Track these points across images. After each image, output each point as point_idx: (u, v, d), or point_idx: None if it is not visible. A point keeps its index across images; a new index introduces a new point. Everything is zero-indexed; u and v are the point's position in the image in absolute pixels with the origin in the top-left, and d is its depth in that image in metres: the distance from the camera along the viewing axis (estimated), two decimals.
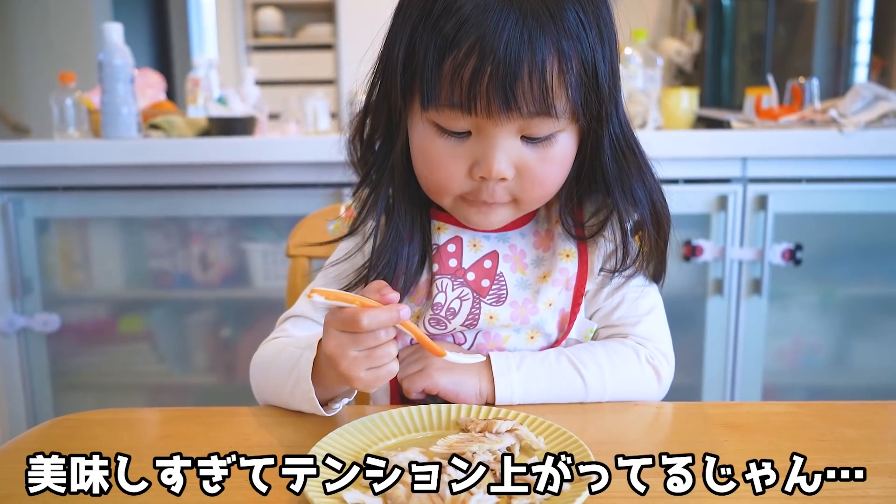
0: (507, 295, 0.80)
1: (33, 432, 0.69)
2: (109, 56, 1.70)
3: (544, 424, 0.66)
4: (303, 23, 4.97)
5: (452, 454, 0.58)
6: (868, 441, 0.66)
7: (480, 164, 0.70)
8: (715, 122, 2.02)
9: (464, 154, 0.71)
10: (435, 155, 0.72)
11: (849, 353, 1.82)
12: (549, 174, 0.73)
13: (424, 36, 0.67)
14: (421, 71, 0.68)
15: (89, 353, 1.88)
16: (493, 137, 0.69)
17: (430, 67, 0.67)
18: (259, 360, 0.81)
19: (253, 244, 1.83)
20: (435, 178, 0.73)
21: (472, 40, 0.65)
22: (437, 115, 0.69)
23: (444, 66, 0.66)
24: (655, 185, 0.78)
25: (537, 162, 0.71)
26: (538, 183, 0.73)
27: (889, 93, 1.69)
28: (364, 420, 0.67)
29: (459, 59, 0.65)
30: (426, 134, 0.72)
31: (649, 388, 0.79)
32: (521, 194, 0.73)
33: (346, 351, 0.64)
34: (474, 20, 0.65)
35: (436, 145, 0.71)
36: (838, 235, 1.77)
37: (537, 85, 0.66)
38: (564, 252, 0.81)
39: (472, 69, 0.65)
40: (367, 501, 0.54)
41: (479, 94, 0.66)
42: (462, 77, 0.66)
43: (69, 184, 1.74)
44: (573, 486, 0.55)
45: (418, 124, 0.72)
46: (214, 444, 0.65)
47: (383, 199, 0.78)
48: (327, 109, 2.15)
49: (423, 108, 0.70)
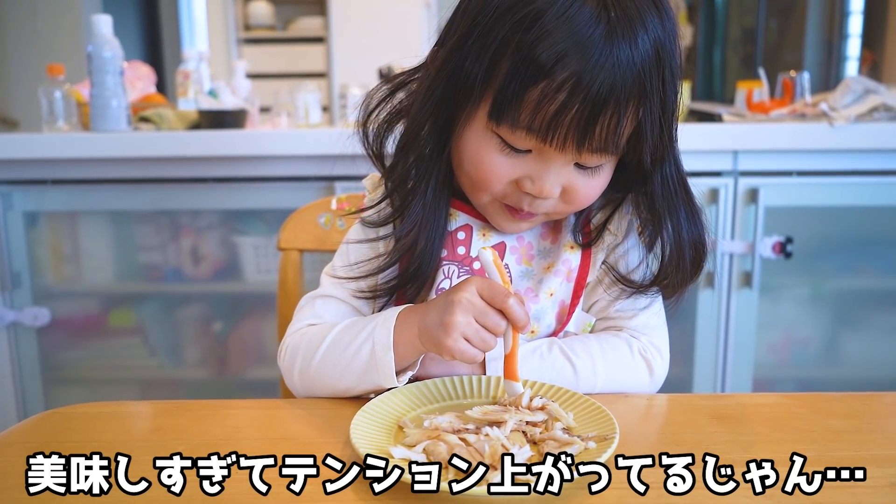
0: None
1: (23, 426, 0.69)
2: (99, 48, 1.69)
3: (575, 396, 0.69)
4: (294, 15, 4.95)
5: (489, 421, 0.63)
6: (856, 431, 0.66)
7: (533, 181, 0.71)
8: (706, 115, 2.02)
9: (519, 165, 0.71)
10: (489, 162, 0.72)
11: (838, 345, 1.83)
12: (590, 195, 0.75)
13: (515, 58, 0.66)
14: (503, 90, 0.67)
15: (80, 347, 1.87)
16: (552, 162, 0.70)
17: (515, 90, 0.66)
18: (299, 344, 0.78)
19: (244, 237, 1.83)
20: (482, 179, 0.73)
21: (568, 75, 0.64)
22: (507, 132, 0.69)
23: (531, 91, 0.65)
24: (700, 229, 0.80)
25: (583, 185, 0.73)
26: (578, 203, 0.75)
27: (879, 86, 1.70)
28: (402, 389, 0.71)
29: (551, 90, 0.65)
30: (486, 142, 0.71)
31: (641, 381, 0.80)
32: (558, 210, 0.75)
33: (469, 316, 0.66)
34: (574, 56, 0.64)
35: (492, 154, 0.71)
36: (829, 228, 1.78)
37: (613, 126, 0.67)
38: (569, 243, 0.81)
39: (561, 103, 0.65)
40: (412, 456, 0.57)
41: (559, 129, 0.66)
42: (548, 108, 0.65)
43: (58, 177, 1.73)
44: (599, 445, 0.59)
45: (479, 130, 0.72)
46: (205, 436, 0.65)
47: (426, 191, 0.78)
48: (318, 102, 2.15)
49: (495, 123, 0.69)
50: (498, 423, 0.63)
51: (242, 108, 1.94)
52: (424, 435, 0.61)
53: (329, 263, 0.87)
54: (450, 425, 0.62)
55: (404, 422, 0.65)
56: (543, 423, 0.64)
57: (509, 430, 0.61)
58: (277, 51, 4.83)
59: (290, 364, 0.78)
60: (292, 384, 0.79)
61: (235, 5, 4.83)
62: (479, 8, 0.69)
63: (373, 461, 0.55)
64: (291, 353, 0.79)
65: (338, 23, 4.52)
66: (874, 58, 2.42)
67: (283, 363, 0.80)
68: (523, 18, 0.65)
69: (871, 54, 2.43)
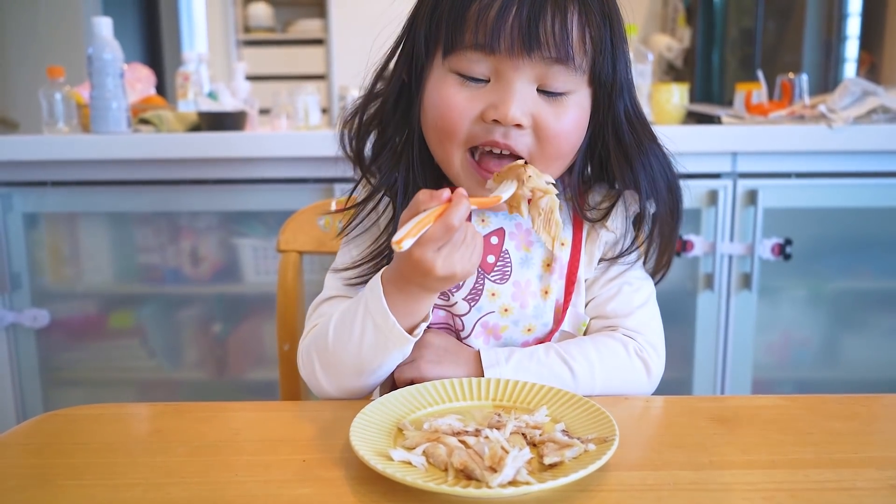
0: (511, 272, 0.81)
1: (22, 427, 0.69)
2: (99, 50, 1.69)
3: (574, 398, 0.68)
4: (293, 17, 4.95)
5: (495, 414, 0.66)
6: (855, 433, 0.66)
7: (497, 106, 0.72)
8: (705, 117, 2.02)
9: (480, 98, 0.73)
10: (449, 98, 0.74)
11: (837, 347, 1.83)
12: (563, 131, 0.74)
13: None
14: (448, 15, 0.72)
15: (79, 349, 1.87)
16: (511, 82, 0.71)
17: (458, 10, 0.71)
18: (311, 344, 0.77)
19: (243, 239, 1.83)
20: (446, 122, 0.74)
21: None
22: (459, 59, 0.72)
23: (471, 8, 0.70)
24: (667, 161, 0.81)
25: (552, 116, 0.73)
26: (552, 138, 0.74)
27: (878, 88, 1.70)
28: (402, 391, 0.70)
29: (485, 1, 0.69)
30: (445, 82, 0.74)
31: (639, 382, 0.80)
32: (537, 150, 0.74)
33: (453, 258, 0.66)
34: None
35: (452, 91, 0.73)
36: (828, 230, 1.78)
37: (559, 28, 0.70)
38: (559, 241, 0.81)
39: (498, 8, 0.69)
40: (412, 459, 0.57)
41: (502, 33, 0.69)
42: (487, 16, 0.69)
43: (58, 179, 1.73)
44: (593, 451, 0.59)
45: (437, 76, 0.75)
46: (205, 438, 0.65)
47: (402, 170, 0.80)
48: (318, 104, 2.14)
49: (445, 56, 0.73)
50: (497, 425, 0.63)
51: (242, 109, 1.94)
52: (424, 437, 0.61)
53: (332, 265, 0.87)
54: (449, 428, 0.62)
55: (404, 424, 0.65)
56: (543, 425, 0.65)
57: (509, 433, 0.61)
58: (277, 53, 4.83)
59: (310, 369, 0.77)
60: (320, 388, 0.77)
61: (235, 7, 4.83)
62: None
63: (373, 463, 0.55)
64: (306, 357, 0.77)
65: (337, 25, 4.51)
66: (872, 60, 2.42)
67: (304, 370, 0.78)
68: None
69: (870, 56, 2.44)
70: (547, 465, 0.58)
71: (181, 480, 0.58)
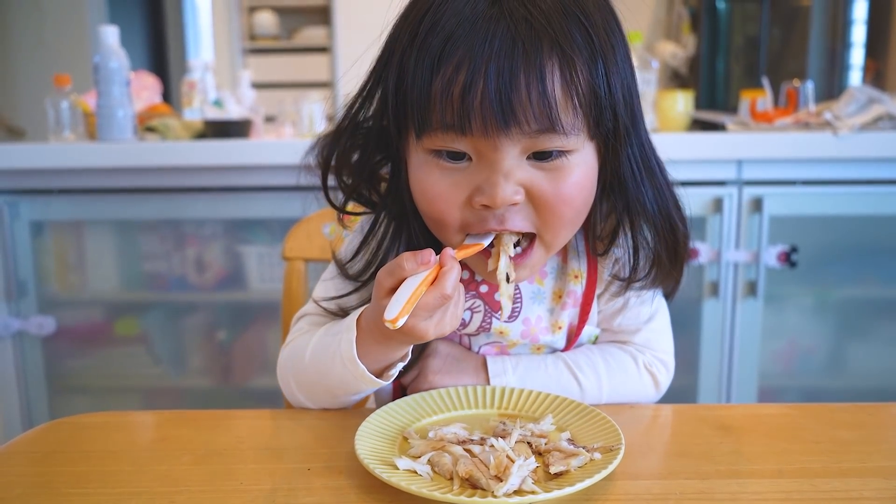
0: (521, 309, 0.78)
1: (28, 435, 0.69)
2: (105, 59, 1.70)
3: (580, 407, 0.68)
4: (298, 25, 4.97)
5: (500, 423, 0.66)
6: (863, 443, 0.66)
7: (483, 190, 0.63)
8: (710, 124, 2.02)
9: (464, 181, 0.64)
10: (431, 185, 0.66)
11: (844, 355, 1.82)
12: (565, 198, 0.65)
13: (412, 57, 0.62)
14: (411, 94, 0.63)
15: (84, 356, 1.87)
16: (493, 161, 0.63)
17: (420, 89, 0.62)
18: (287, 361, 0.77)
19: (248, 247, 1.83)
20: (434, 210, 0.67)
21: (461, 53, 0.60)
22: (432, 140, 0.64)
23: (434, 85, 0.61)
24: (673, 201, 0.74)
25: (549, 184, 0.64)
26: (553, 208, 0.65)
27: (883, 95, 1.70)
28: (407, 400, 0.70)
29: (448, 75, 0.60)
30: (423, 165, 0.66)
31: (646, 395, 0.79)
32: (541, 223, 0.66)
33: (444, 320, 0.64)
34: (461, 32, 0.60)
35: (433, 176, 0.65)
36: (833, 238, 1.77)
37: (537, 97, 0.59)
38: (573, 273, 0.78)
39: (463, 85, 0.59)
40: (418, 468, 0.57)
41: (472, 112, 0.60)
42: (452, 94, 0.60)
43: (64, 186, 1.73)
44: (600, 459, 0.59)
45: (415, 157, 0.67)
46: (210, 446, 0.65)
47: (392, 219, 0.74)
48: (323, 112, 2.15)
49: (418, 137, 0.65)
50: (503, 434, 0.63)
51: (247, 117, 1.95)
52: (429, 446, 0.61)
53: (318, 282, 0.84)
54: (455, 436, 0.62)
55: (409, 433, 0.65)
56: (548, 433, 0.64)
57: (514, 441, 0.61)
58: (282, 61, 4.85)
59: (287, 384, 0.76)
60: (298, 403, 0.76)
61: (240, 15, 4.86)
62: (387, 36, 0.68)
63: (378, 472, 0.55)
64: (283, 372, 0.77)
65: (342, 33, 4.53)
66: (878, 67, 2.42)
67: (281, 383, 0.78)
68: (412, 19, 0.64)
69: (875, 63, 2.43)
70: (552, 475, 0.57)
71: (186, 489, 0.57)
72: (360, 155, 0.74)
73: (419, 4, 0.65)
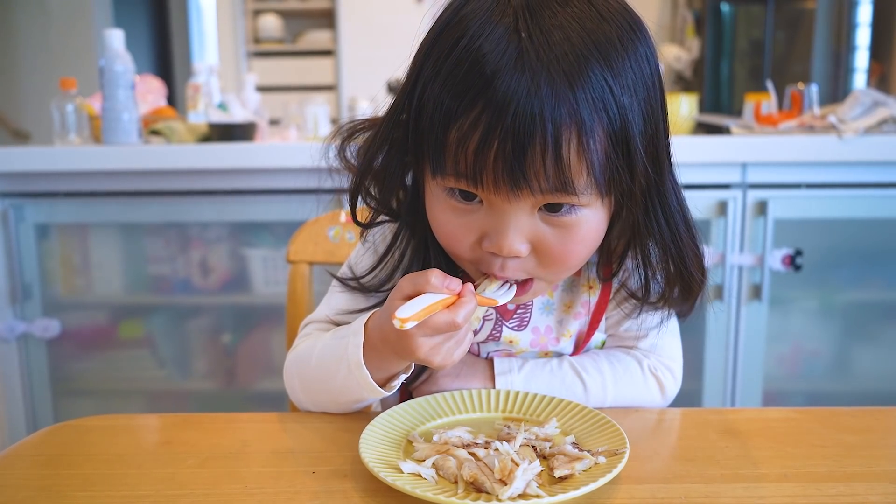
0: (530, 319, 0.79)
1: (33, 438, 0.69)
2: (110, 62, 1.70)
3: (584, 411, 0.68)
4: (303, 29, 4.99)
5: (505, 426, 0.66)
6: (868, 447, 0.66)
7: (491, 237, 0.64)
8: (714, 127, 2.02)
9: (474, 224, 0.65)
10: (444, 222, 0.67)
11: (849, 358, 1.82)
12: (570, 252, 0.65)
13: (432, 99, 0.61)
14: (428, 137, 0.62)
15: (89, 359, 1.88)
16: (504, 212, 0.62)
17: (436, 135, 0.61)
18: (293, 364, 0.77)
19: (253, 250, 1.83)
20: (445, 244, 0.69)
21: (479, 109, 0.58)
22: (447, 181, 0.63)
23: (450, 135, 0.60)
24: (692, 249, 0.72)
25: (556, 238, 0.64)
26: (557, 261, 0.66)
27: (888, 98, 1.69)
28: (412, 403, 0.70)
29: (465, 129, 0.59)
30: (437, 198, 0.66)
31: (652, 399, 0.79)
32: (539, 272, 0.67)
33: (441, 348, 0.63)
34: (482, 83, 0.58)
35: (446, 212, 0.66)
36: (838, 241, 1.77)
37: (551, 162, 0.58)
38: (588, 283, 0.79)
39: (478, 142, 0.58)
40: (422, 471, 0.57)
41: (484, 169, 0.59)
42: (467, 149, 0.59)
43: (70, 189, 1.74)
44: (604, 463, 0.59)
45: (431, 190, 0.67)
46: (215, 450, 0.65)
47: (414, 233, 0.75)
48: (327, 115, 2.16)
49: (432, 175, 0.65)
50: (507, 437, 0.63)
51: (252, 120, 1.95)
52: (434, 449, 0.60)
53: None
54: (459, 440, 0.62)
55: (413, 436, 0.65)
56: (553, 437, 0.64)
57: (519, 445, 0.61)
58: (286, 64, 4.86)
59: (293, 386, 0.77)
60: (302, 406, 0.77)
61: (245, 19, 4.87)
62: (416, 52, 0.65)
63: (382, 476, 0.55)
64: (289, 374, 0.78)
65: (346, 36, 4.55)
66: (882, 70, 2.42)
67: (287, 385, 0.78)
68: (441, 46, 0.61)
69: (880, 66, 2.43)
70: (557, 478, 0.57)
71: (190, 492, 0.58)
72: (387, 165, 0.73)
73: (451, 31, 0.62)
